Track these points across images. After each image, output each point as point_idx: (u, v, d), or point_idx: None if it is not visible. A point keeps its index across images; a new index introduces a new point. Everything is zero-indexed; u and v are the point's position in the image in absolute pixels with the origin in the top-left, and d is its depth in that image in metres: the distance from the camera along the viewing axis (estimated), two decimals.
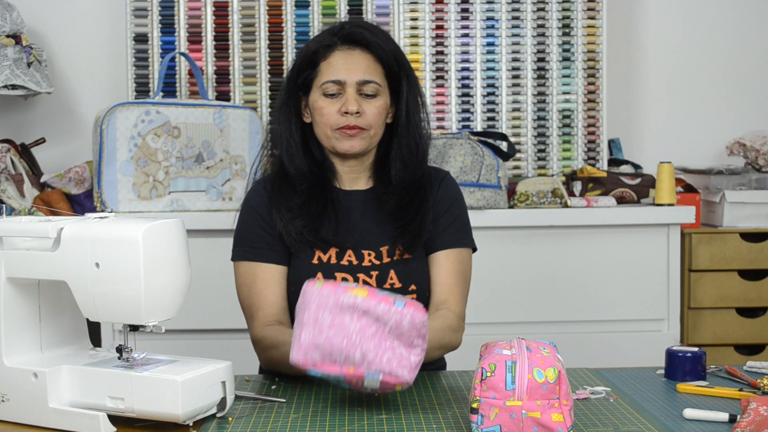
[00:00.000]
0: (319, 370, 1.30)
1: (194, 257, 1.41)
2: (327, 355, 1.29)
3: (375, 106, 1.69)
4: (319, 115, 1.70)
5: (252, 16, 2.86)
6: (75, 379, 1.32)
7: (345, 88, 1.68)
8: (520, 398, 1.19)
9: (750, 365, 1.61)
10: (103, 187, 2.51)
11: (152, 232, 1.28)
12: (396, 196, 1.73)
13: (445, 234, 1.74)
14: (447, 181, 1.81)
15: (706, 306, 2.80)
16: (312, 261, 1.68)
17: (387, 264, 1.70)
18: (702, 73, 3.23)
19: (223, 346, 2.46)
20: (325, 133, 1.70)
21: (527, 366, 1.20)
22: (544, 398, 1.19)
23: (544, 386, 1.19)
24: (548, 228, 2.62)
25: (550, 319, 2.62)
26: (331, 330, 1.28)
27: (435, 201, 1.76)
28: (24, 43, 2.75)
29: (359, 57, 1.70)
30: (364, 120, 1.68)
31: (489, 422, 1.21)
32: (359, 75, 1.68)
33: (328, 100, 1.69)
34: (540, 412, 1.19)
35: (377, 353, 1.28)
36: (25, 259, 1.34)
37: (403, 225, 1.71)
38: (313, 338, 1.29)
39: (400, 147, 1.74)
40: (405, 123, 1.74)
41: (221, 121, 2.63)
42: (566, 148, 2.95)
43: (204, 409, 1.31)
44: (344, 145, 1.70)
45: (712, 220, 2.92)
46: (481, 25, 2.91)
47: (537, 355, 1.23)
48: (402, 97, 1.74)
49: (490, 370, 1.21)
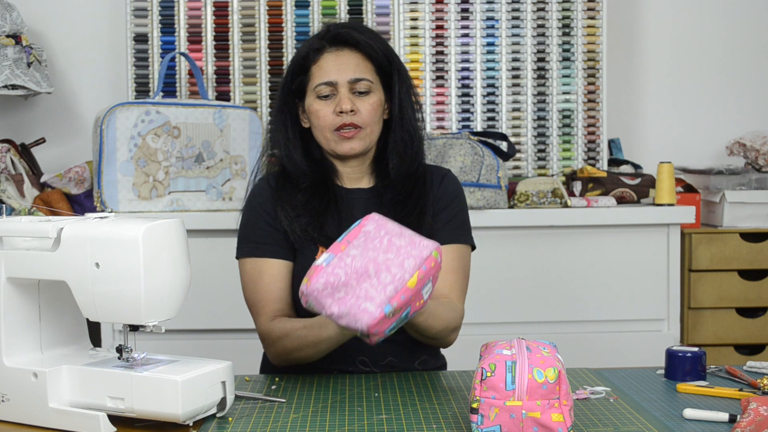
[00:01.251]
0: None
1: (194, 257, 1.41)
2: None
3: (369, 103, 1.70)
4: (316, 118, 1.71)
5: (252, 16, 2.86)
6: (75, 379, 1.32)
7: (337, 88, 1.69)
8: (520, 398, 1.19)
9: (750, 365, 1.61)
10: (103, 187, 2.51)
11: (152, 232, 1.28)
12: (394, 190, 1.74)
13: (445, 229, 1.74)
14: (449, 177, 1.81)
15: (706, 306, 2.80)
16: (316, 257, 1.68)
17: None
18: (702, 73, 3.23)
19: (223, 346, 2.47)
20: (324, 135, 1.71)
21: (527, 366, 1.20)
22: (544, 398, 1.19)
23: (544, 386, 1.19)
24: (548, 228, 2.62)
25: (550, 319, 2.62)
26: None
27: (436, 197, 1.77)
28: (24, 43, 2.75)
29: (348, 56, 1.71)
30: (359, 118, 1.69)
31: (489, 422, 1.21)
32: (350, 74, 1.69)
33: (322, 103, 1.70)
34: (540, 412, 1.19)
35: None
36: (25, 259, 1.34)
37: (401, 218, 1.71)
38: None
39: (395, 141, 1.75)
40: (398, 117, 1.75)
41: (221, 121, 2.63)
42: (566, 148, 2.95)
43: (204, 409, 1.31)
44: (344, 147, 1.70)
45: (712, 220, 2.92)
46: (481, 25, 2.91)
47: (537, 355, 1.23)
48: (394, 92, 1.75)
49: (490, 370, 1.21)
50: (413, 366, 1.72)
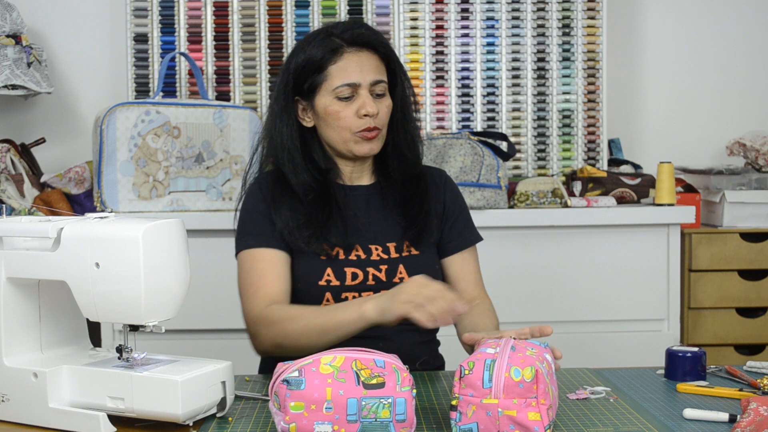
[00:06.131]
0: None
1: (194, 257, 1.41)
2: None
3: (385, 105, 1.71)
4: (335, 119, 1.68)
5: (252, 16, 2.86)
6: (75, 379, 1.32)
7: (358, 90, 1.67)
8: (496, 396, 1.20)
9: (750, 365, 1.61)
10: (103, 187, 2.51)
11: (152, 232, 1.28)
12: (398, 191, 1.75)
13: (463, 234, 1.81)
14: (450, 181, 1.86)
15: (706, 306, 2.80)
16: (320, 257, 1.68)
17: (395, 259, 1.71)
18: (702, 73, 3.23)
19: (223, 346, 2.47)
20: (342, 137, 1.69)
21: (506, 365, 1.21)
22: (521, 397, 1.20)
23: (521, 385, 1.20)
24: (548, 228, 2.62)
25: (549, 319, 2.62)
26: None
27: (446, 203, 1.81)
28: (24, 43, 2.75)
29: (368, 58, 1.69)
30: (379, 120, 1.69)
31: (467, 419, 1.22)
32: (371, 76, 1.68)
33: (343, 104, 1.68)
34: (516, 410, 1.20)
35: None
36: (25, 259, 1.34)
37: (409, 219, 1.73)
38: None
39: (397, 141, 1.76)
40: (401, 117, 1.76)
41: (221, 121, 2.63)
42: (566, 148, 2.95)
43: (204, 409, 1.31)
44: (363, 148, 1.70)
45: (712, 220, 2.92)
46: (481, 25, 2.91)
47: (519, 354, 1.24)
48: (397, 92, 1.75)
49: (468, 368, 1.22)
50: (414, 367, 1.72)
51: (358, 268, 1.68)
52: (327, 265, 1.67)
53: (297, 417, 1.21)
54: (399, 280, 1.68)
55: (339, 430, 1.20)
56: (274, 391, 1.24)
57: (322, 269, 1.66)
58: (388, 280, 1.68)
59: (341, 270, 1.67)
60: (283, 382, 1.22)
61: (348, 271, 1.67)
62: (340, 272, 1.67)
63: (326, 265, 1.67)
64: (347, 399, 1.20)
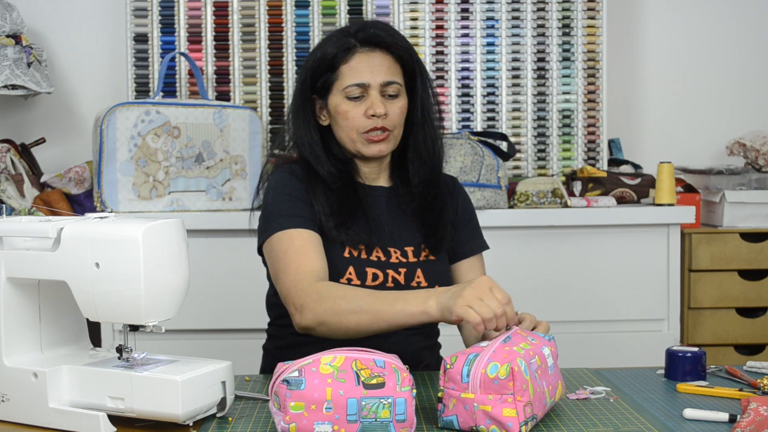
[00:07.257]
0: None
1: (194, 257, 1.41)
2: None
3: (398, 107, 1.69)
4: (344, 119, 1.68)
5: (252, 16, 2.86)
6: (75, 379, 1.32)
7: (368, 90, 1.67)
8: (473, 391, 1.25)
9: (750, 365, 1.61)
10: (103, 187, 2.51)
11: (152, 232, 1.28)
12: (418, 197, 1.74)
13: (472, 241, 1.82)
14: (462, 188, 1.86)
15: (706, 306, 2.80)
16: (344, 254, 1.66)
17: (414, 263, 1.70)
18: (702, 73, 3.23)
19: (223, 346, 2.47)
20: (350, 137, 1.69)
21: (485, 361, 1.25)
22: (497, 393, 1.24)
23: (495, 381, 1.24)
24: (548, 228, 2.62)
25: (550, 319, 2.57)
26: None
27: (458, 210, 1.81)
28: (24, 43, 2.75)
29: (380, 58, 1.68)
30: (389, 121, 1.68)
31: (449, 411, 1.28)
32: (382, 76, 1.67)
33: (352, 104, 1.67)
34: (491, 406, 1.24)
35: None
36: (25, 259, 1.34)
37: (429, 226, 1.72)
38: None
39: (417, 145, 1.74)
40: (420, 120, 1.74)
41: (221, 121, 2.63)
42: (566, 148, 2.95)
43: (204, 409, 1.31)
44: (371, 150, 1.69)
45: (712, 220, 2.92)
46: (481, 25, 2.91)
47: (506, 348, 1.28)
48: (417, 94, 1.73)
49: (450, 363, 1.27)
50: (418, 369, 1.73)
51: (379, 269, 1.67)
52: (349, 263, 1.66)
53: (297, 417, 1.21)
54: (416, 284, 1.68)
55: (339, 430, 1.21)
56: (274, 391, 1.24)
57: (345, 267, 1.65)
58: (406, 284, 1.68)
59: (363, 270, 1.66)
60: (283, 382, 1.22)
61: (369, 272, 1.66)
62: (361, 272, 1.66)
63: (348, 264, 1.66)
64: (347, 399, 1.21)
